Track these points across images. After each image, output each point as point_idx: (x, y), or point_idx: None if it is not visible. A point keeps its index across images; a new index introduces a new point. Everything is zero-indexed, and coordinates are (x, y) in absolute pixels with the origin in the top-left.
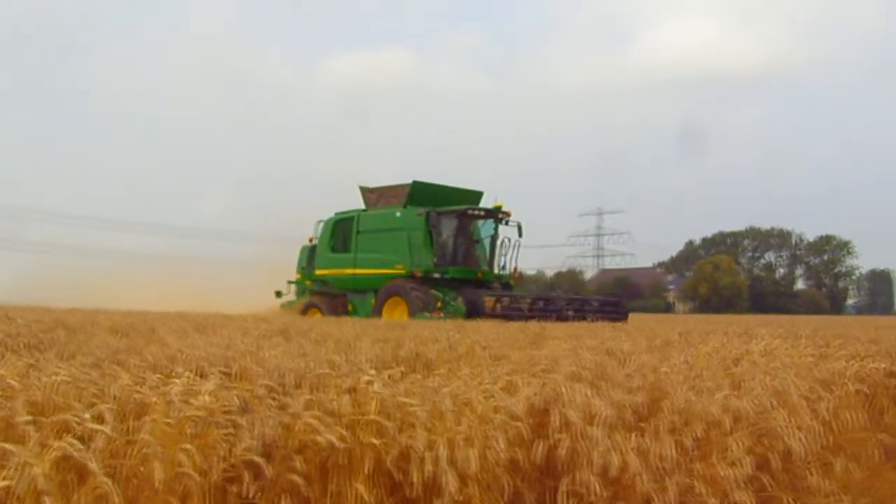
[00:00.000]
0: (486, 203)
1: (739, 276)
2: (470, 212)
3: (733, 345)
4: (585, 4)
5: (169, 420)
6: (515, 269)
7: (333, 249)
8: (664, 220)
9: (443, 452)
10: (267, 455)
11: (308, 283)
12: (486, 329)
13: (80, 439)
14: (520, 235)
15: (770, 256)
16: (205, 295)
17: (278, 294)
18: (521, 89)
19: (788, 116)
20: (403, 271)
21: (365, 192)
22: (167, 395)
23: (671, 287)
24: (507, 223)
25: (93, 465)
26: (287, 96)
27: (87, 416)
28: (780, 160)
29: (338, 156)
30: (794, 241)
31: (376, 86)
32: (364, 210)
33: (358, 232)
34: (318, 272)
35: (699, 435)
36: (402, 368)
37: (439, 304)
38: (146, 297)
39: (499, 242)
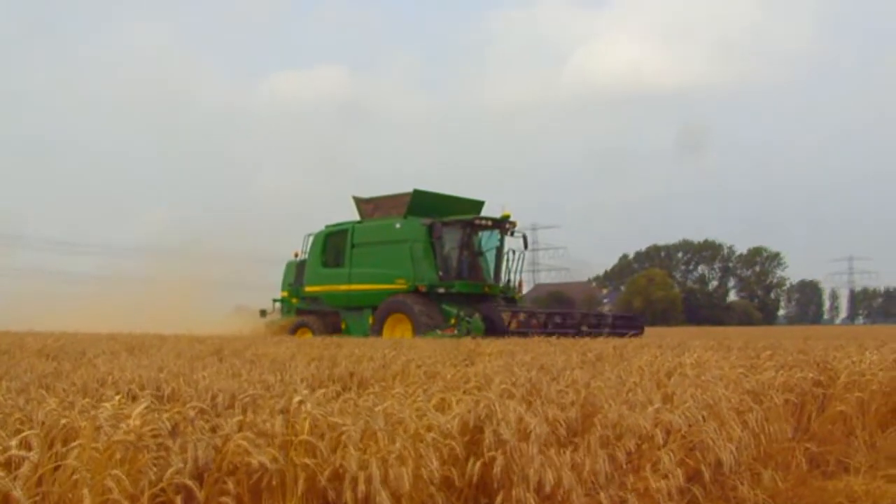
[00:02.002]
0: (487, 213)
1: (673, 289)
2: (477, 222)
3: (666, 358)
4: (518, 26)
5: (97, 445)
6: (520, 282)
7: (325, 264)
8: (598, 234)
9: (376, 472)
10: (198, 478)
11: (295, 300)
12: (421, 346)
13: (5, 466)
14: (525, 247)
15: (703, 269)
16: (143, 315)
17: (263, 313)
18: (456, 107)
19: (714, 132)
20: (405, 286)
21: (359, 202)
22: (96, 420)
23: (606, 301)
24: (512, 234)
25: (17, 493)
26: (223, 114)
27: (13, 443)
28: (710, 175)
29: (276, 173)
30: (725, 254)
31: (313, 103)
32: (359, 221)
33: (353, 245)
34: (308, 289)
35: (631, 448)
36: (337, 387)
37: (453, 321)
38: (81, 318)
39: (505, 254)
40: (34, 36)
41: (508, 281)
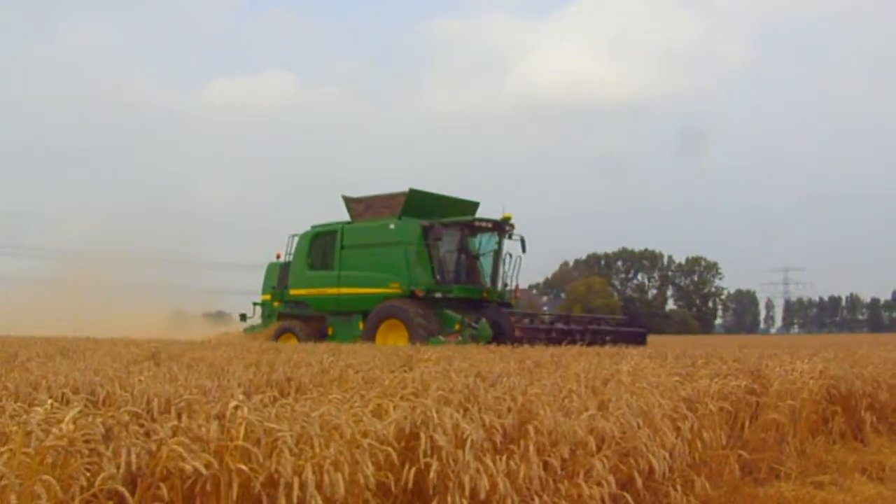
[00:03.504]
0: (481, 214)
1: (612, 297)
2: (476, 224)
3: (603, 366)
4: (465, 36)
5: (28, 450)
6: (517, 287)
7: (312, 267)
8: (539, 242)
9: (310, 477)
10: (131, 483)
11: (277, 304)
12: (360, 352)
13: None
14: (523, 250)
15: (641, 278)
16: (77, 318)
17: (243, 317)
18: (398, 114)
19: (655, 145)
20: (400, 290)
21: (349, 202)
22: (27, 424)
23: (545, 308)
24: (510, 237)
25: None
26: (164, 119)
27: None
28: (651, 185)
29: (218, 178)
30: (664, 263)
31: (257, 109)
32: (349, 222)
33: (342, 247)
34: (293, 292)
35: (566, 455)
36: (274, 392)
37: (457, 327)
38: (13, 321)
39: (503, 258)
40: None
41: (504, 286)
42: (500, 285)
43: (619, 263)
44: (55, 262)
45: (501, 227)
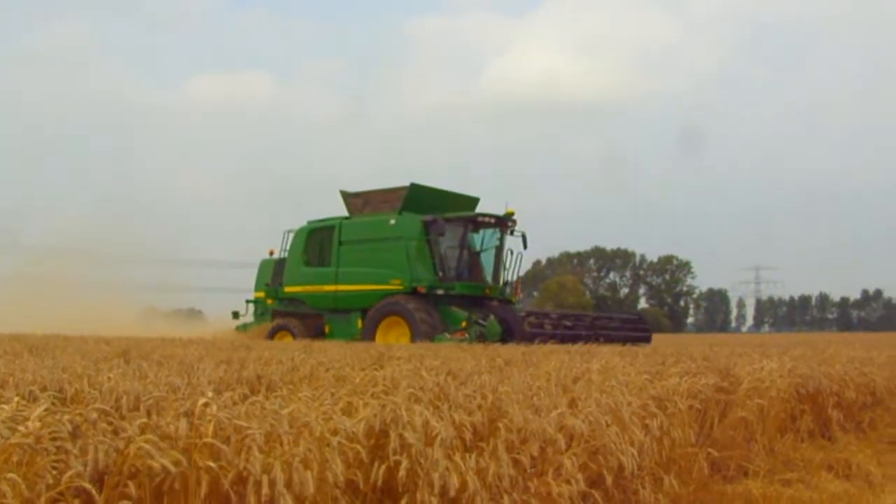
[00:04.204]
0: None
1: (585, 296)
2: (479, 219)
3: (574, 363)
4: (441, 34)
5: None
6: (517, 284)
7: (308, 263)
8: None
9: (279, 475)
10: (99, 481)
11: (270, 301)
12: (331, 349)
13: None
14: (524, 247)
15: (614, 276)
16: (49, 315)
17: (235, 315)
18: (375, 112)
19: (627, 143)
20: (401, 287)
21: (348, 197)
22: None
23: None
24: (512, 233)
25: None
26: (141, 115)
27: None
28: (623, 184)
29: (195, 176)
30: (636, 262)
31: (237, 108)
32: (347, 217)
33: (340, 242)
34: (288, 289)
35: (535, 453)
36: (244, 390)
37: (464, 324)
38: None
39: (505, 254)
40: None
41: (505, 282)
42: (501, 282)
43: (592, 262)
44: (25, 258)
45: (504, 223)
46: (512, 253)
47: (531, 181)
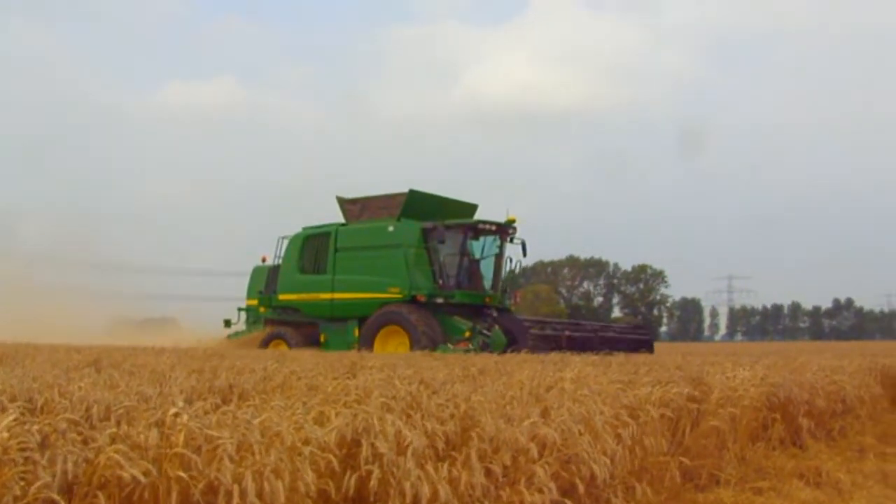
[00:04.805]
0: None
1: (559, 305)
2: (480, 226)
3: (547, 373)
4: (415, 43)
5: None
6: (516, 292)
7: (303, 270)
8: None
9: (250, 485)
10: (68, 492)
11: (263, 309)
12: (304, 358)
13: None
14: (524, 254)
15: (588, 285)
16: (16, 324)
17: (227, 323)
18: (347, 120)
19: (601, 152)
20: (400, 295)
21: (344, 203)
22: None
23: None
24: (512, 240)
25: None
26: (113, 122)
27: None
28: (596, 193)
29: (164, 182)
30: (610, 271)
31: (208, 114)
32: (343, 224)
33: (337, 249)
34: (283, 297)
35: (508, 462)
36: (216, 399)
37: (467, 334)
38: None
39: (505, 262)
40: None
41: (504, 290)
42: (499, 290)
43: (566, 271)
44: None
45: (504, 230)
46: (511, 261)
47: (504, 190)
